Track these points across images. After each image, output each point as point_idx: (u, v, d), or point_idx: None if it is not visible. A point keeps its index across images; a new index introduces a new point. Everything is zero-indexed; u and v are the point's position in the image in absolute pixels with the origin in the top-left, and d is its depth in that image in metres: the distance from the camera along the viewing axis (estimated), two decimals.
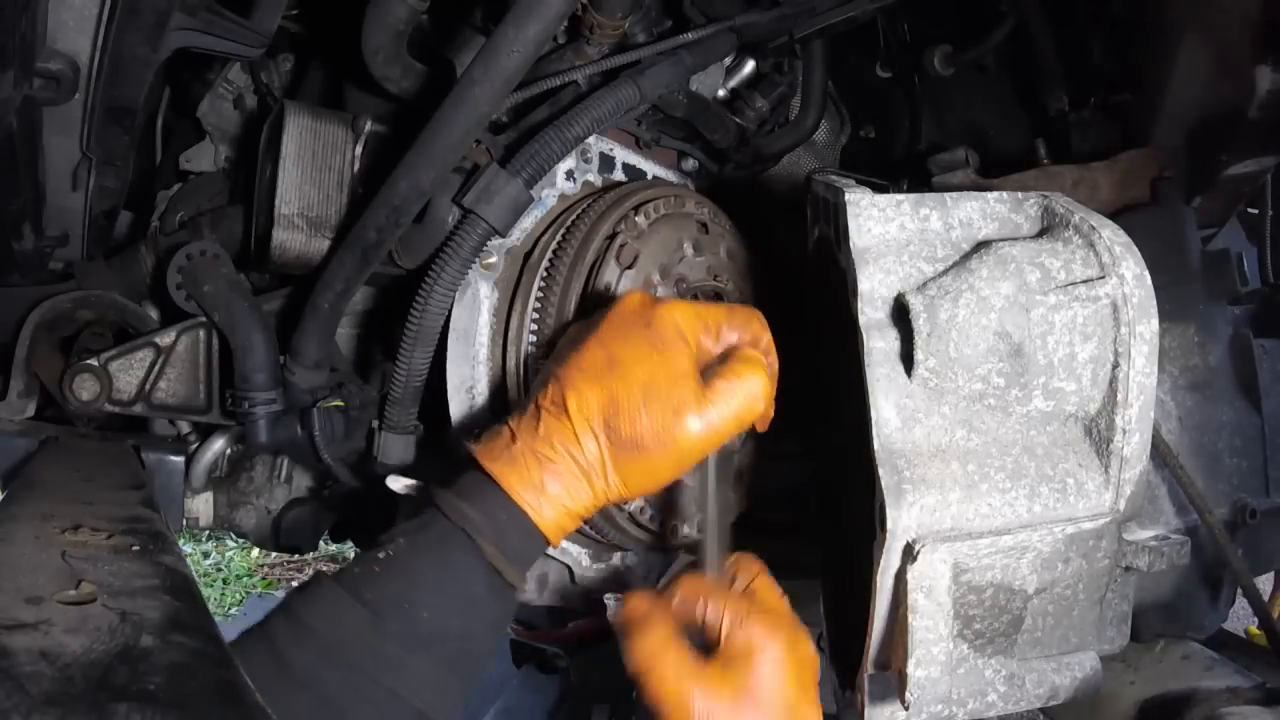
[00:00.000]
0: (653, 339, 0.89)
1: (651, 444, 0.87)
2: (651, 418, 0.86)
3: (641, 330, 0.89)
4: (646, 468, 0.88)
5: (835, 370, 1.06)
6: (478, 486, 0.87)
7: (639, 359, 0.87)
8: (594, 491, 0.88)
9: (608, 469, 0.87)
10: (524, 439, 0.87)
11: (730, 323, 0.94)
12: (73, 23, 0.89)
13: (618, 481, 0.88)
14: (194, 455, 1.38)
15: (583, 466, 0.87)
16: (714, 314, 0.93)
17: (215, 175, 1.49)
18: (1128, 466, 0.86)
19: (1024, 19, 1.46)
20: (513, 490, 0.86)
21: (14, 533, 0.78)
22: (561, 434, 0.86)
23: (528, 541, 0.87)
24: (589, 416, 0.86)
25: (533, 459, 0.86)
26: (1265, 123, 1.23)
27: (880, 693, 0.89)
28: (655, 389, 0.87)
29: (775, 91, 1.47)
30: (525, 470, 0.86)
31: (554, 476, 0.86)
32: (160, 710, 0.52)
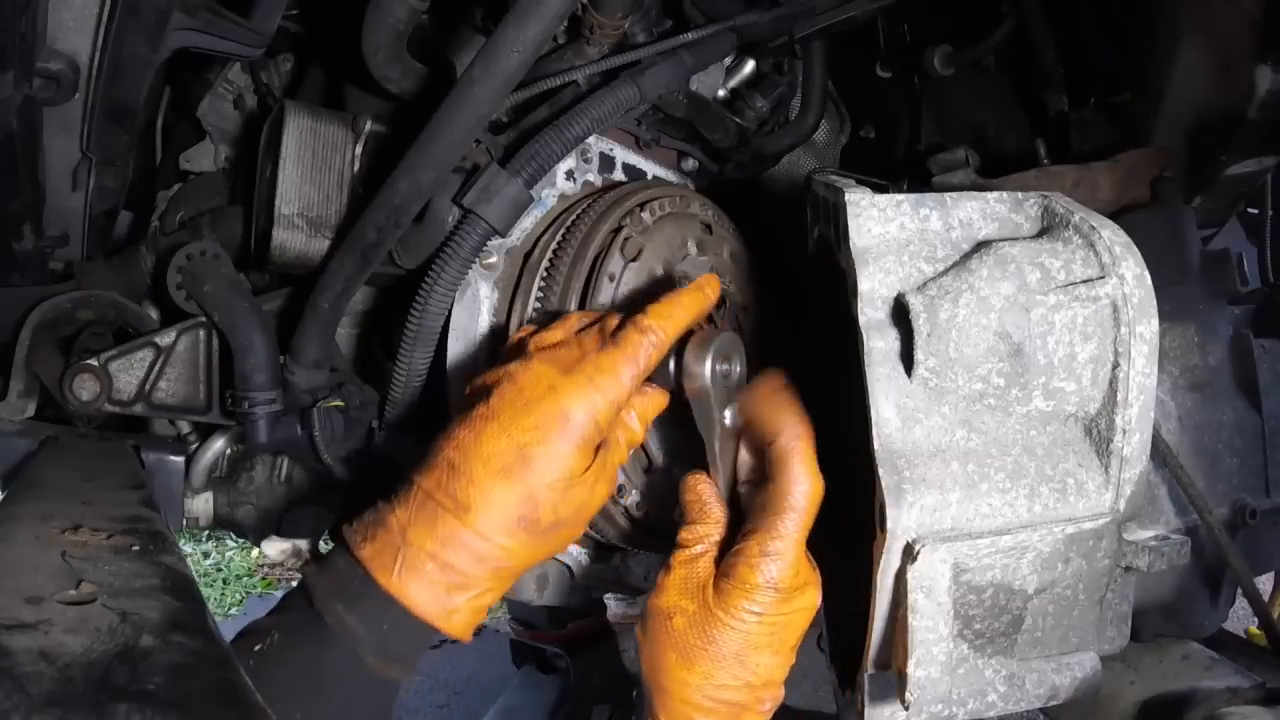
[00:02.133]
0: (567, 433, 0.83)
1: (576, 518, 0.87)
2: (574, 503, 0.86)
3: (554, 422, 0.83)
4: (568, 535, 0.89)
5: (835, 370, 1.06)
6: (358, 584, 0.81)
7: (557, 458, 0.83)
8: (506, 581, 0.86)
9: (527, 556, 0.85)
10: (417, 540, 0.80)
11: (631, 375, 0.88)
12: (73, 23, 0.89)
13: (536, 558, 0.87)
14: (194, 455, 1.38)
15: (495, 569, 0.83)
16: (614, 383, 0.86)
17: (215, 175, 1.49)
18: (1128, 466, 0.86)
19: (1024, 19, 1.46)
20: (417, 608, 0.80)
21: (14, 533, 0.78)
22: (466, 538, 0.80)
23: (418, 640, 0.83)
24: (505, 518, 0.81)
25: (437, 571, 0.80)
26: (1265, 123, 1.23)
27: (880, 693, 0.89)
28: (576, 478, 0.85)
29: (775, 91, 1.47)
30: (430, 585, 0.80)
31: (464, 590, 0.82)
32: (160, 710, 0.52)
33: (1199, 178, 1.37)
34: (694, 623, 0.86)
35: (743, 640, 0.85)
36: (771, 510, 0.87)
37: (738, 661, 0.85)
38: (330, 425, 1.22)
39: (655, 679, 0.89)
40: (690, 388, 0.92)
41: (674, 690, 0.87)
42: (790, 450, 0.88)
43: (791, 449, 0.88)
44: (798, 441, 0.89)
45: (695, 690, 0.86)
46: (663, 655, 0.87)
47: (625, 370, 0.86)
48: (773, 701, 0.90)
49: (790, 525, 0.86)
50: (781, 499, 0.87)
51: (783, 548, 0.85)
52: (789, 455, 0.88)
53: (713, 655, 0.85)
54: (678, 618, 0.86)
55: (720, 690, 0.86)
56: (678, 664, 0.86)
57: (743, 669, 0.86)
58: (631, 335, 0.88)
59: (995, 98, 1.59)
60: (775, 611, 0.86)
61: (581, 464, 0.86)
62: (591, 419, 0.85)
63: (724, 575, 0.87)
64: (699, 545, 0.89)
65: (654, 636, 0.88)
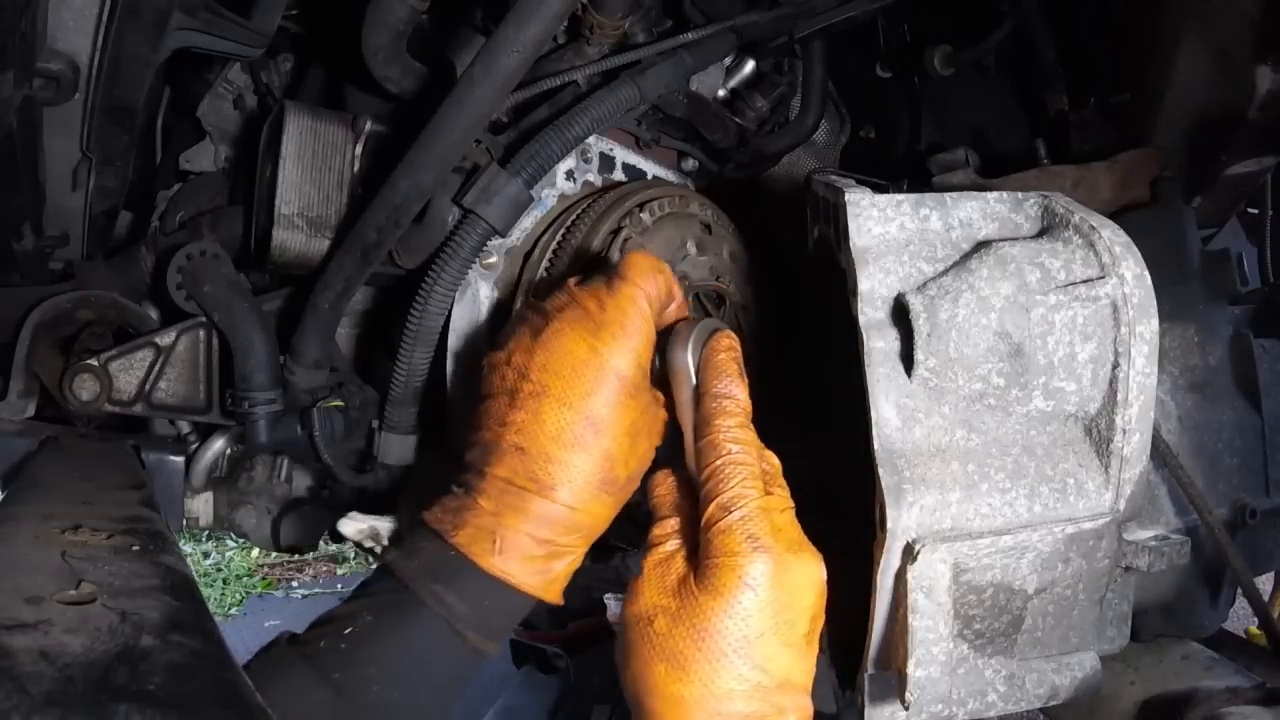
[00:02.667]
0: (622, 386, 0.84)
1: (641, 468, 0.88)
2: (642, 449, 0.88)
3: (607, 380, 0.84)
4: (636, 485, 0.89)
5: (835, 370, 1.06)
6: (455, 566, 0.83)
7: (620, 413, 0.84)
8: (593, 539, 0.87)
9: (610, 515, 0.87)
10: (512, 523, 0.82)
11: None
12: (73, 23, 0.89)
13: (615, 512, 0.88)
14: (194, 455, 1.38)
15: (586, 532, 0.85)
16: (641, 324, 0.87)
17: (215, 175, 1.49)
18: (1128, 466, 0.86)
19: (1024, 19, 1.46)
20: (521, 583, 0.83)
21: (14, 533, 0.77)
22: (557, 513, 0.83)
23: (516, 615, 0.86)
24: (589, 485, 0.83)
25: (534, 546, 0.82)
26: (1265, 123, 1.23)
27: (880, 693, 0.89)
28: (639, 426, 0.86)
29: (775, 91, 1.47)
30: (529, 559, 0.83)
31: (560, 558, 0.85)
32: (160, 710, 0.52)
33: (1199, 178, 1.37)
34: (679, 619, 0.74)
35: (742, 626, 0.73)
36: (712, 473, 0.79)
37: (740, 656, 0.72)
38: (330, 425, 1.22)
39: (644, 704, 0.76)
40: (671, 375, 0.91)
41: (669, 714, 0.74)
42: (715, 409, 0.83)
43: (716, 407, 0.83)
44: (721, 400, 0.83)
45: (696, 707, 0.72)
46: (648, 670, 0.75)
47: (641, 299, 0.87)
48: (798, 713, 0.75)
49: (736, 474, 0.78)
50: (715, 453, 0.80)
51: (740, 497, 0.77)
52: (715, 412, 0.83)
53: (708, 654, 0.72)
54: (660, 619, 0.75)
55: (726, 699, 0.72)
56: (669, 677, 0.73)
57: (749, 666, 0.73)
58: (632, 262, 0.89)
59: (995, 98, 1.59)
60: (770, 581, 0.74)
61: (640, 411, 0.87)
62: (636, 365, 0.86)
63: (701, 557, 0.77)
64: (669, 541, 0.81)
65: (634, 649, 0.77)
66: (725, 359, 0.86)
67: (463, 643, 0.82)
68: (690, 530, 0.82)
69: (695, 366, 0.88)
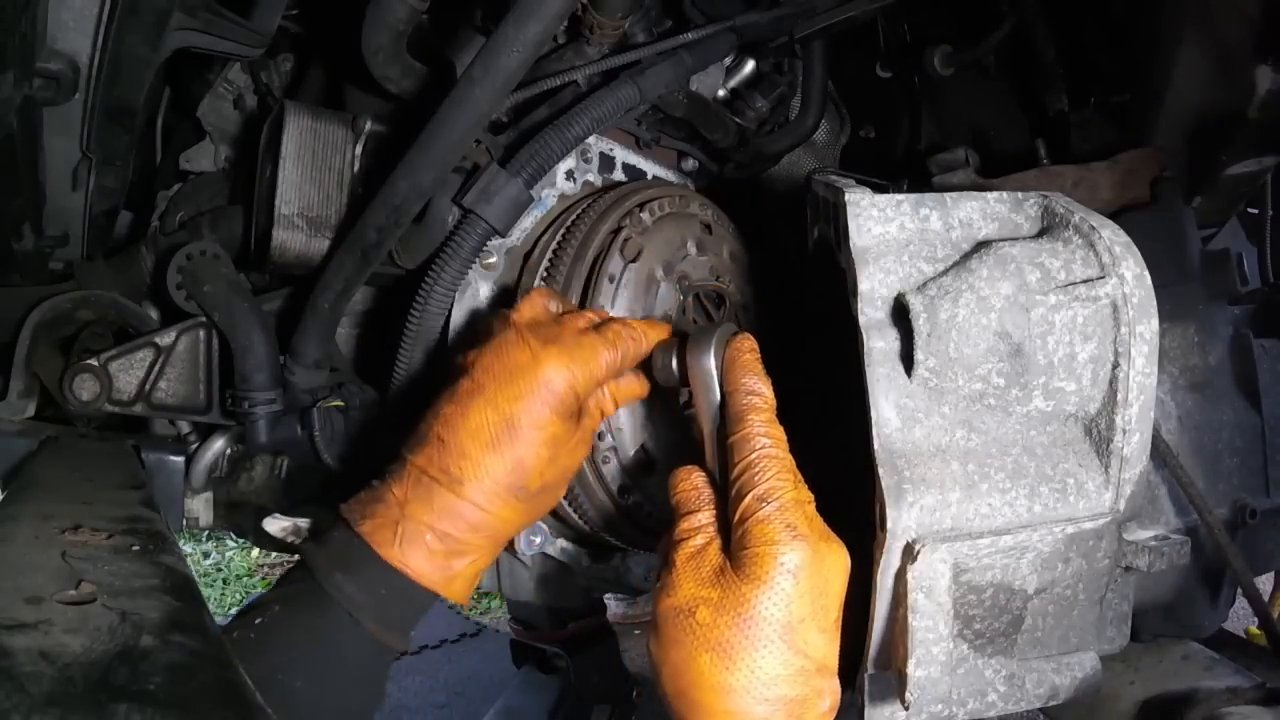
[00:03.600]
0: (549, 398, 0.87)
1: (560, 481, 0.91)
2: (559, 467, 0.89)
3: (537, 390, 0.86)
4: (554, 498, 0.93)
5: (835, 370, 1.06)
6: (358, 556, 0.84)
7: (542, 424, 0.86)
8: (500, 544, 0.89)
9: (518, 521, 0.88)
10: (416, 514, 0.84)
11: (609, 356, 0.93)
12: (73, 23, 0.89)
13: (526, 521, 0.91)
14: (194, 455, 1.38)
15: (490, 535, 0.86)
16: (592, 359, 0.90)
17: (215, 175, 1.49)
18: (1128, 466, 0.86)
19: (1024, 19, 1.46)
20: (420, 577, 0.84)
21: (14, 533, 0.77)
22: (462, 509, 0.84)
23: (416, 609, 0.87)
24: (496, 487, 0.85)
25: (435, 540, 0.84)
26: (1265, 123, 1.23)
27: (880, 693, 0.89)
28: (560, 443, 0.88)
29: (775, 91, 1.47)
30: (429, 554, 0.84)
31: (461, 556, 0.86)
32: (160, 710, 0.52)
33: (1199, 178, 1.37)
34: (722, 609, 0.75)
35: (785, 612, 0.74)
36: (747, 466, 0.81)
37: (785, 642, 0.74)
38: (330, 425, 1.22)
39: (688, 697, 0.75)
40: (694, 378, 0.92)
41: (716, 704, 0.74)
42: (746, 405, 0.84)
43: (746, 404, 0.84)
44: (750, 397, 0.85)
45: (743, 694, 0.73)
46: (692, 662, 0.75)
47: (604, 354, 0.90)
48: (832, 696, 0.78)
49: (771, 467, 0.80)
50: (748, 447, 0.82)
51: (775, 489, 0.78)
52: (745, 409, 0.84)
53: (754, 640, 0.73)
54: (701, 610, 0.75)
55: (772, 685, 0.73)
56: (714, 666, 0.74)
57: (792, 651, 0.74)
58: (616, 328, 0.93)
59: (995, 98, 1.59)
60: (809, 568, 0.75)
61: (564, 429, 0.89)
62: (570, 387, 0.88)
63: (738, 548, 0.78)
64: (700, 535, 0.81)
65: (675, 641, 0.76)
66: (750, 358, 0.88)
67: (363, 632, 0.83)
68: (718, 525, 0.83)
69: (718, 369, 0.89)
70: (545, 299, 0.99)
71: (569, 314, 0.96)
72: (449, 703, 3.65)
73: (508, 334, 0.90)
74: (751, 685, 0.73)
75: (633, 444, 1.12)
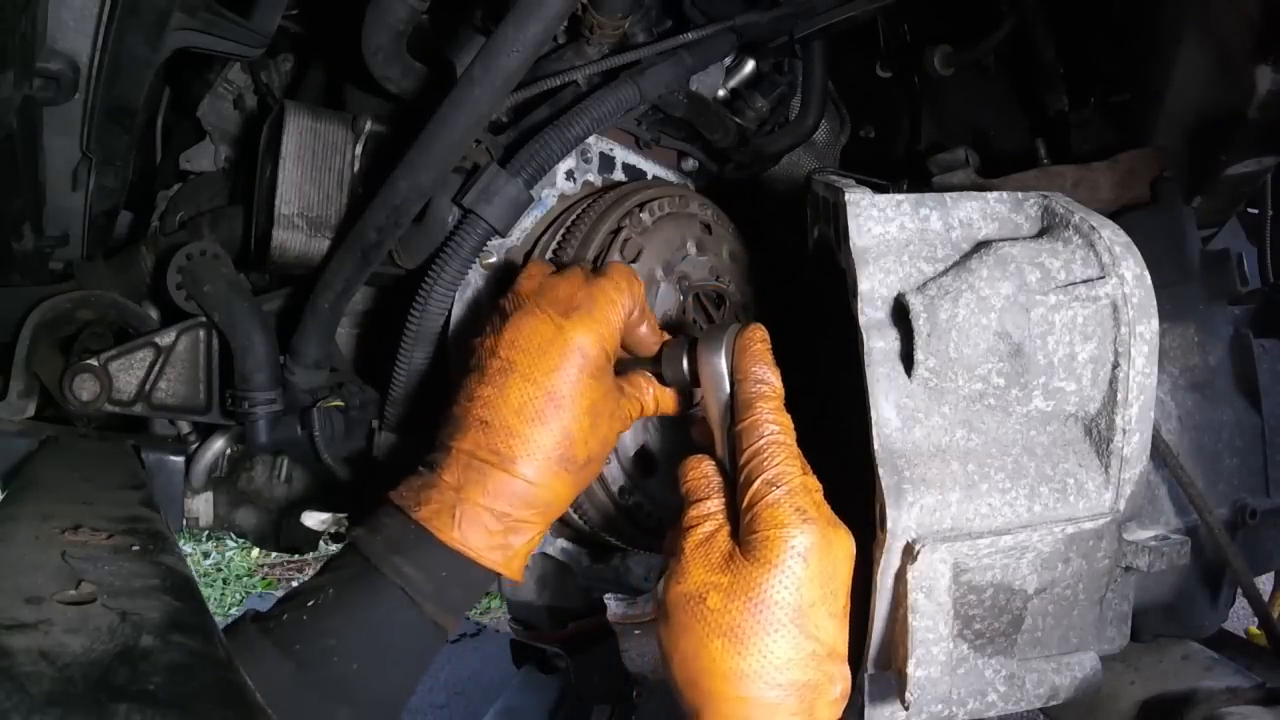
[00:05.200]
0: (584, 364, 0.88)
1: (602, 452, 0.91)
2: (600, 435, 0.90)
3: (571, 357, 0.88)
4: (596, 469, 0.93)
5: (835, 370, 1.06)
6: (417, 541, 0.85)
7: (582, 392, 0.88)
8: (552, 518, 0.90)
9: (569, 493, 0.90)
10: (472, 496, 0.85)
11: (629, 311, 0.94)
12: (73, 23, 0.89)
13: (575, 493, 0.91)
14: (194, 455, 1.38)
15: (544, 509, 0.88)
16: (611, 310, 0.92)
17: (215, 175, 1.49)
18: (1128, 466, 0.86)
19: (1024, 19, 1.46)
20: (480, 557, 0.85)
21: (14, 533, 0.77)
22: (516, 487, 0.85)
23: (475, 589, 0.88)
24: (548, 460, 0.86)
25: (493, 520, 0.85)
26: (1265, 123, 1.23)
27: (880, 693, 0.89)
28: (599, 410, 0.89)
29: (775, 91, 1.47)
30: (488, 534, 0.85)
31: (519, 533, 0.87)
32: (160, 710, 0.52)
33: (1199, 178, 1.36)
34: (733, 594, 0.74)
35: (796, 596, 0.74)
36: (756, 452, 0.81)
37: (796, 626, 0.74)
38: (330, 425, 1.22)
39: (700, 685, 0.75)
40: (704, 375, 0.91)
41: (728, 691, 0.74)
42: (755, 393, 0.85)
43: (755, 392, 0.85)
44: (759, 385, 0.85)
45: (756, 679, 0.73)
46: (703, 649, 0.74)
47: (616, 295, 0.92)
48: (844, 683, 0.78)
49: (780, 453, 0.80)
50: (757, 433, 0.82)
51: (784, 474, 0.78)
52: (755, 396, 0.84)
53: (766, 624, 0.73)
54: (712, 595, 0.75)
55: (785, 669, 0.73)
56: (726, 651, 0.73)
57: (804, 635, 0.74)
58: (615, 266, 0.95)
59: (995, 98, 1.59)
60: (818, 552, 0.75)
61: (601, 394, 0.90)
62: (600, 348, 0.89)
63: (747, 533, 0.78)
64: (709, 522, 0.81)
65: (686, 628, 0.76)
66: (761, 348, 0.89)
67: (421, 615, 0.85)
68: (728, 513, 0.83)
69: (729, 366, 0.89)
70: (540, 269, 0.99)
71: (564, 273, 0.96)
72: (449, 703, 3.65)
73: (526, 309, 0.91)
74: (764, 670, 0.73)
75: (633, 444, 1.12)
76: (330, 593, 0.84)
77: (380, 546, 0.86)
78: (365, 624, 0.84)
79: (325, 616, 0.83)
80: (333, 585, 0.85)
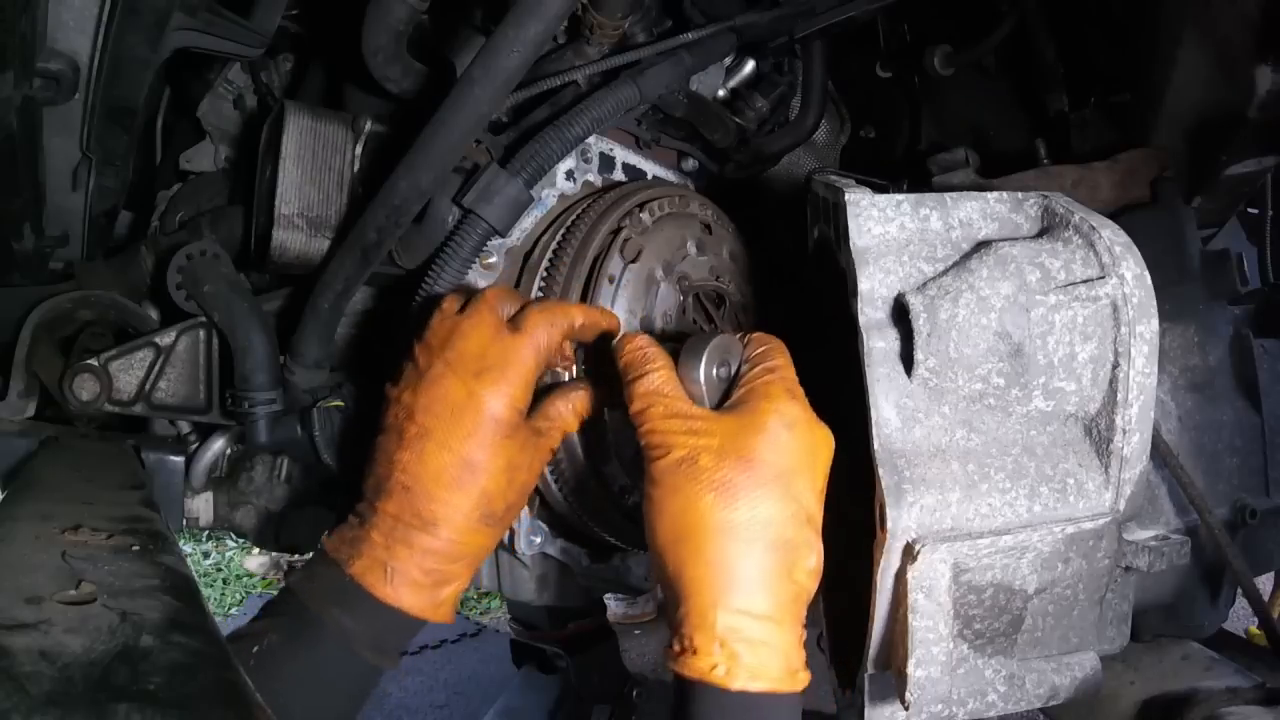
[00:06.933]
0: (496, 428, 0.89)
1: (522, 498, 0.94)
2: (518, 485, 0.92)
3: (483, 423, 0.88)
4: (518, 512, 0.97)
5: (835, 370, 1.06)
6: (352, 594, 0.88)
7: (496, 454, 0.89)
8: (478, 564, 0.94)
9: (492, 543, 0.93)
10: (400, 555, 0.88)
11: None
12: (73, 23, 0.89)
13: (499, 538, 0.95)
14: (194, 455, 1.38)
15: (469, 560, 0.91)
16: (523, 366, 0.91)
17: (215, 175, 1.49)
18: (1128, 466, 0.86)
19: (1024, 19, 1.46)
20: (411, 610, 0.88)
21: (14, 533, 0.77)
22: (441, 546, 0.88)
23: (409, 633, 0.91)
24: (469, 520, 0.89)
25: (421, 575, 0.88)
26: (1265, 123, 1.23)
27: (880, 693, 0.89)
28: (516, 465, 0.91)
29: (775, 91, 1.47)
30: (417, 588, 0.88)
31: (446, 584, 0.90)
32: (160, 710, 0.52)
33: (1199, 178, 1.37)
34: (724, 454, 0.80)
35: (782, 459, 0.80)
36: (760, 356, 0.89)
37: (781, 485, 0.79)
38: (330, 425, 1.22)
39: (690, 541, 0.79)
40: (692, 396, 0.90)
41: (716, 543, 0.78)
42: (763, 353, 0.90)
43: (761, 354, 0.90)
44: (773, 358, 0.90)
45: (744, 531, 0.78)
46: (695, 503, 0.79)
47: (528, 353, 0.92)
48: (818, 556, 0.82)
49: (779, 358, 0.88)
50: (760, 350, 0.90)
51: (782, 368, 0.87)
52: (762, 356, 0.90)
53: (755, 480, 0.78)
54: (704, 456, 0.80)
55: (771, 525, 0.78)
56: (717, 504, 0.78)
57: (788, 495, 0.80)
58: (531, 316, 0.93)
59: (995, 98, 1.59)
60: (804, 427, 0.82)
61: (517, 449, 0.91)
62: (512, 407, 0.90)
63: (738, 404, 0.85)
64: (666, 386, 0.87)
65: (675, 489, 0.81)
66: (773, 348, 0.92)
67: (360, 659, 0.88)
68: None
69: (704, 383, 0.89)
70: (450, 310, 0.96)
71: (476, 318, 0.93)
72: (449, 703, 3.65)
73: (437, 370, 0.90)
74: (751, 523, 0.78)
75: (631, 444, 1.12)
76: (274, 639, 0.87)
77: (319, 597, 0.89)
78: (309, 670, 0.87)
79: (271, 662, 0.85)
80: (275, 632, 0.87)
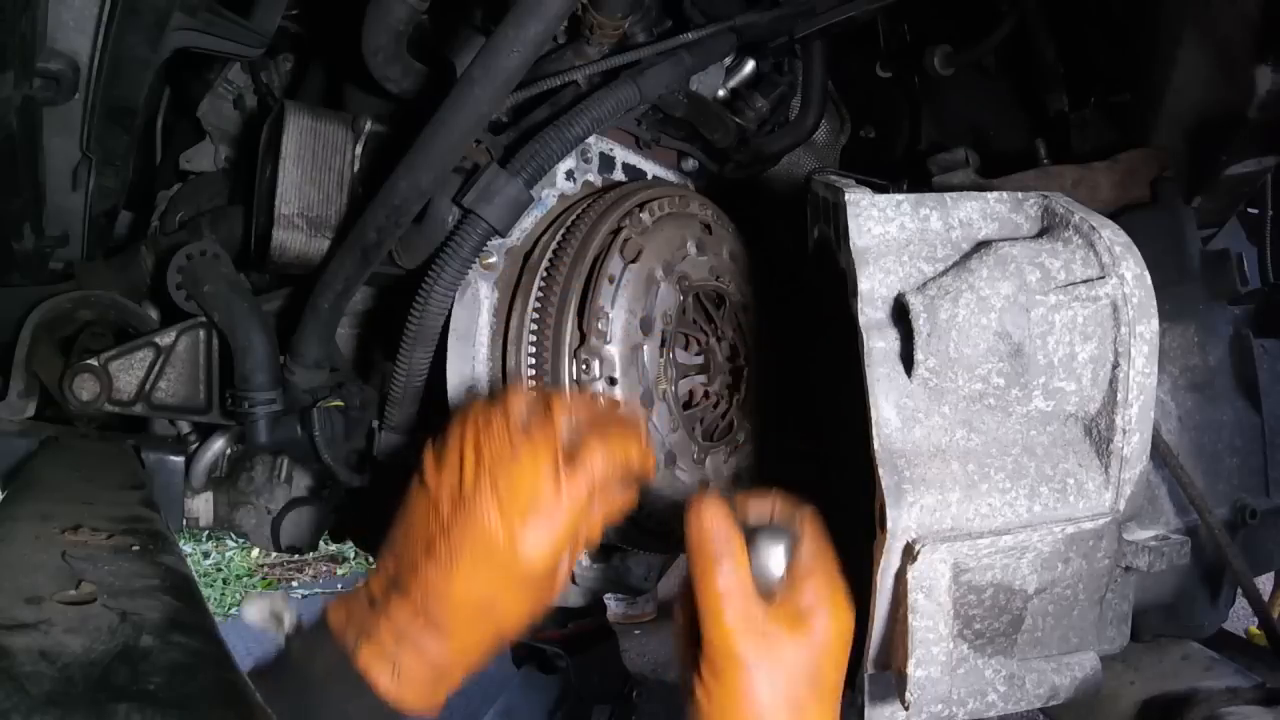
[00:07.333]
0: (530, 579, 0.85)
1: (538, 614, 0.90)
2: (537, 604, 0.88)
3: (516, 576, 0.84)
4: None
5: (835, 370, 1.06)
6: (351, 681, 0.85)
7: (522, 601, 0.86)
8: (477, 669, 0.91)
9: (495, 653, 0.91)
10: (409, 656, 0.85)
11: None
12: (73, 23, 0.89)
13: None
14: (194, 455, 1.38)
15: (471, 668, 0.90)
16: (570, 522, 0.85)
17: (215, 175, 1.49)
18: (1128, 466, 0.86)
19: (1024, 19, 1.46)
20: (412, 708, 0.87)
21: (14, 533, 0.77)
22: (450, 656, 0.87)
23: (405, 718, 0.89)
24: (482, 642, 0.88)
25: (426, 672, 0.87)
26: (1265, 123, 1.23)
27: (880, 693, 0.89)
28: (539, 600, 0.88)
29: (775, 91, 1.47)
30: (419, 686, 0.87)
31: (445, 682, 0.89)
32: (160, 710, 0.52)
33: (1199, 178, 1.36)
34: (794, 678, 0.78)
35: (838, 669, 0.80)
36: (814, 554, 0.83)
37: (834, 696, 0.80)
38: (330, 425, 1.22)
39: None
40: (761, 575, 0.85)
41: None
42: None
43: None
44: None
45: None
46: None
47: (581, 499, 0.85)
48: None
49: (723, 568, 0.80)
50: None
51: (832, 555, 0.82)
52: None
53: (818, 693, 0.79)
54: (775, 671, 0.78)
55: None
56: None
57: (835, 700, 0.80)
58: (594, 461, 0.85)
59: (995, 98, 1.59)
60: (850, 627, 0.81)
61: (546, 592, 0.88)
62: (553, 557, 0.85)
63: (807, 606, 0.81)
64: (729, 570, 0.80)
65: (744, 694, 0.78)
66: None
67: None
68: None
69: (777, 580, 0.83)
70: (515, 412, 0.87)
71: (531, 446, 0.84)
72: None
73: (482, 496, 0.83)
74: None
75: None
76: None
77: (322, 674, 0.87)
78: None
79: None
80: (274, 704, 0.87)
